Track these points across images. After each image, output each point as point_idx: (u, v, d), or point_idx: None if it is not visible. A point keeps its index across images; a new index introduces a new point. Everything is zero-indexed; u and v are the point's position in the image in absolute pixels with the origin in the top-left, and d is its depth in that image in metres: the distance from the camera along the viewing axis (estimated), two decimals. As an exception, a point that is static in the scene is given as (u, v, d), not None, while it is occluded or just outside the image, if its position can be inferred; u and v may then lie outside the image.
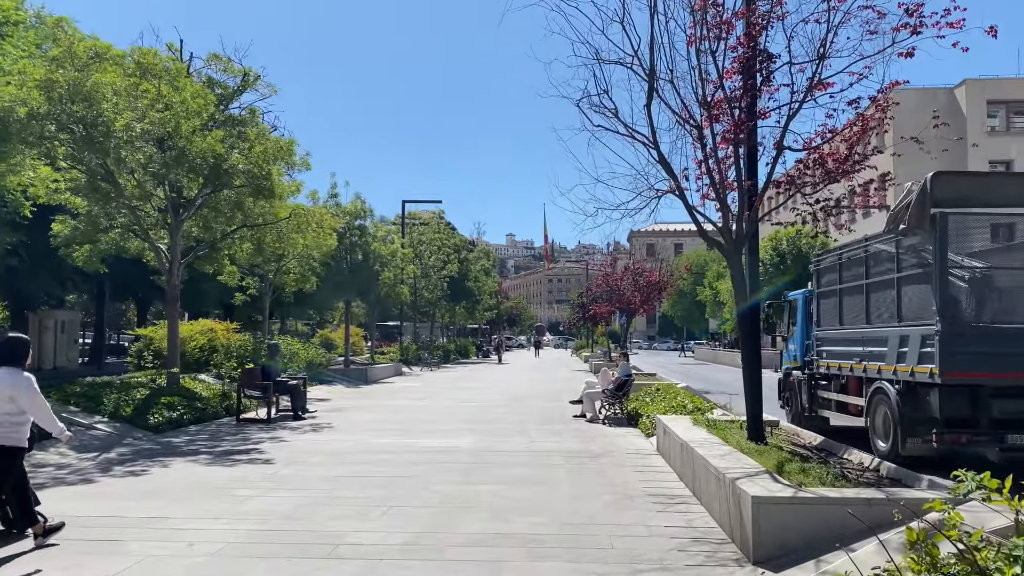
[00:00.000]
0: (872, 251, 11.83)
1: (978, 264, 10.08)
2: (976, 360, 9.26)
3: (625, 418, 14.84)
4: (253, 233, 16.66)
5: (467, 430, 13.49)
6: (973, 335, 9.38)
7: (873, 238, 11.89)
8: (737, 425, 10.49)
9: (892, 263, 10.96)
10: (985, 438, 9.45)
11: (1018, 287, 9.81)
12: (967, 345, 9.30)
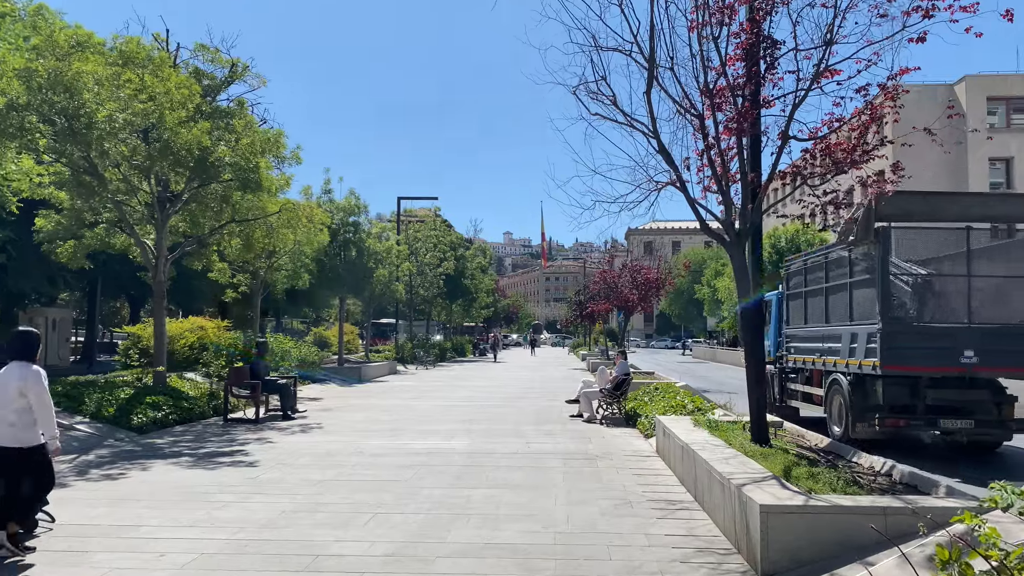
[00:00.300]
0: (831, 258, 13.17)
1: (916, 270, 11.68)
2: (913, 354, 10.81)
3: (623, 418, 14.47)
4: (242, 228, 16.23)
5: (461, 431, 13.10)
6: (911, 333, 10.95)
7: (831, 246, 13.18)
8: (740, 426, 10.12)
9: (846, 269, 12.34)
10: (921, 422, 11.17)
11: (950, 291, 11.35)
12: (905, 341, 10.83)
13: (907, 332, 11.07)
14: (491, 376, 30.34)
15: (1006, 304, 11.42)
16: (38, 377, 5.94)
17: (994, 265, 11.79)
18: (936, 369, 10.99)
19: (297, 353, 23.35)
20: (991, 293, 11.46)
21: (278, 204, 16.20)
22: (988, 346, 10.87)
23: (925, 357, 10.91)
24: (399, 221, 41.59)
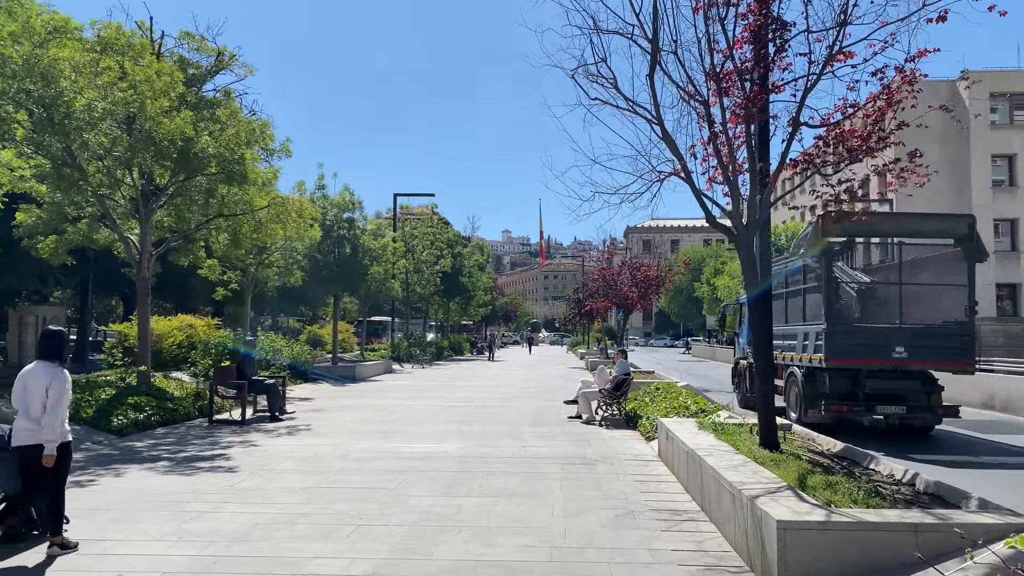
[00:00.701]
0: (789, 267, 15.23)
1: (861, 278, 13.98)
2: (853, 350, 12.78)
3: (623, 419, 13.97)
4: (229, 223, 15.70)
5: (454, 433, 12.59)
6: (851, 332, 12.94)
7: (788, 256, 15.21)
8: (746, 429, 9.62)
9: (801, 276, 14.44)
10: (861, 408, 13.06)
11: (885, 296, 13.74)
12: (846, 339, 12.79)
13: (848, 331, 13.03)
14: (488, 375, 29.84)
15: (930, 307, 13.55)
16: (63, 380, 5.83)
17: (921, 275, 13.99)
18: (872, 362, 12.96)
19: (289, 352, 22.86)
20: (918, 298, 13.65)
21: (266, 198, 15.66)
22: (915, 343, 12.81)
23: (863, 352, 12.88)
24: (395, 218, 41.05)
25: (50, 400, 5.69)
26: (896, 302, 13.46)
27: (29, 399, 5.76)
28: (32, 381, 5.80)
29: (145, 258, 14.91)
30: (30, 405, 5.74)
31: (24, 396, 5.80)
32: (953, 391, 20.22)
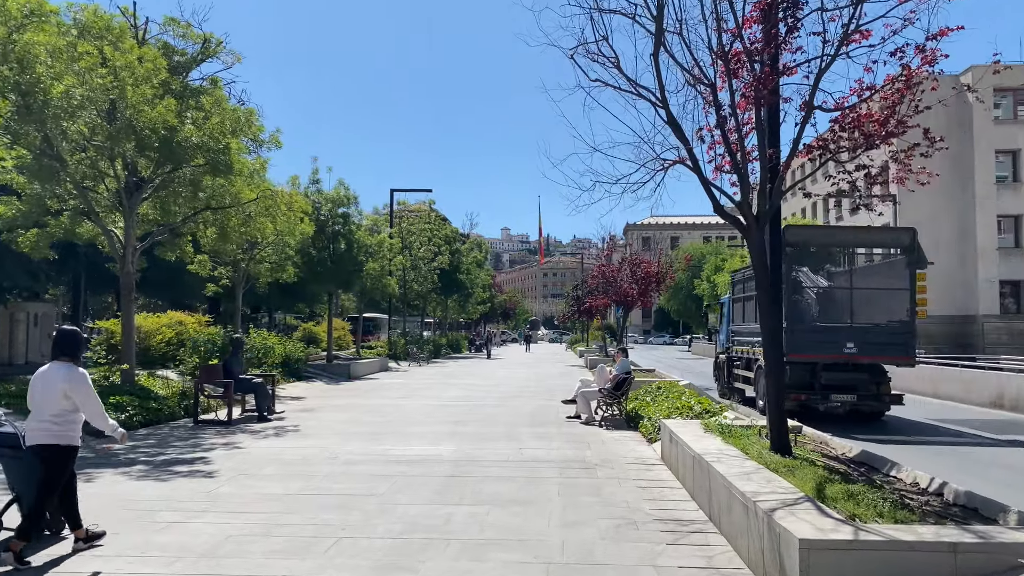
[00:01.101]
0: None
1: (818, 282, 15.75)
2: (810, 346, 14.47)
3: (624, 420, 13.47)
4: (217, 217, 15.18)
5: (448, 434, 12.08)
6: (808, 330, 14.66)
7: None
8: (755, 432, 9.12)
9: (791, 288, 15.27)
10: (818, 397, 14.80)
11: (839, 299, 15.27)
12: (804, 336, 14.47)
13: (805, 330, 14.79)
14: (485, 373, 29.33)
15: (878, 309, 15.20)
16: (83, 379, 5.75)
17: (870, 280, 15.72)
18: (826, 357, 14.79)
19: (281, 350, 22.34)
20: (867, 301, 15.28)
21: (255, 190, 15.12)
22: (864, 340, 14.65)
23: (818, 348, 14.67)
24: (392, 214, 40.52)
25: (79, 400, 5.64)
26: (848, 304, 15.24)
27: (44, 399, 5.66)
28: (47, 381, 5.69)
29: (129, 252, 14.40)
30: (45, 405, 5.65)
31: (39, 396, 5.70)
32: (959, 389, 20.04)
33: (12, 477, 6.02)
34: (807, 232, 18.40)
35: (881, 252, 16.12)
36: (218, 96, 13.05)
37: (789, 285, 14.49)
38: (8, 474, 6.09)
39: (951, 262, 44.08)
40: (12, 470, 5.99)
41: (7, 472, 6.08)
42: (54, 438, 5.64)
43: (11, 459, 5.93)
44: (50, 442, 5.62)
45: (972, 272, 45.91)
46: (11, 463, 5.96)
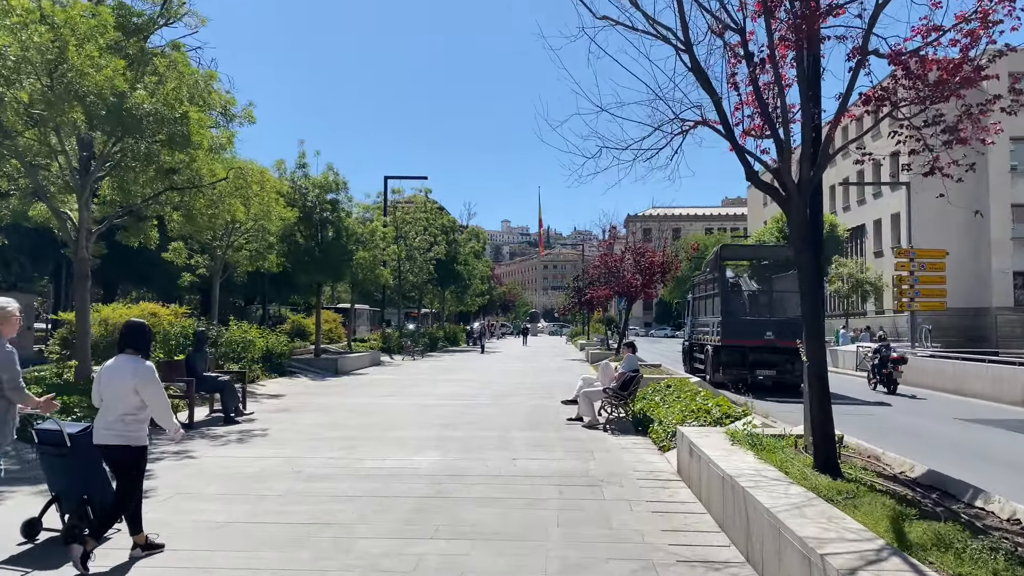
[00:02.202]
0: (706, 278, 22.86)
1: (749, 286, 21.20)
2: (739, 333, 19.46)
3: (631, 422, 12.09)
4: (183, 198, 13.75)
5: (433, 441, 10.69)
6: (738, 322, 19.77)
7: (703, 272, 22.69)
8: (790, 442, 7.75)
9: (713, 285, 21.42)
10: (747, 372, 19.13)
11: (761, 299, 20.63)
12: (735, 327, 19.55)
13: (736, 322, 19.94)
14: (481, 368, 27.94)
15: (787, 306, 19.86)
16: (151, 373, 5.45)
17: (784, 285, 20.47)
18: (752, 342, 19.59)
19: (262, 344, 20.94)
20: (782, 299, 20.42)
21: (222, 168, 13.69)
22: (780, 329, 19.33)
23: (746, 335, 19.66)
24: (386, 202, 39.07)
25: (147, 398, 5.35)
26: (769, 303, 21.08)
27: (114, 396, 5.34)
28: (116, 377, 5.36)
29: (83, 237, 12.98)
30: (115, 403, 5.33)
31: (108, 393, 5.37)
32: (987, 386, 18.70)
33: (53, 476, 5.77)
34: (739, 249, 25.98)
35: None
36: (174, 58, 11.57)
37: (723, 290, 20.59)
38: (49, 472, 5.82)
39: (963, 253, 42.63)
40: (55, 468, 5.72)
41: (48, 470, 5.82)
42: (124, 439, 5.32)
43: (54, 457, 5.65)
44: (120, 443, 5.31)
45: (985, 263, 44.48)
46: (54, 461, 5.67)
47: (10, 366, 5.20)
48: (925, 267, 26.31)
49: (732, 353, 19.81)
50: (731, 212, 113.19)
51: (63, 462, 5.60)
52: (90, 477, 5.57)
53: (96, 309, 19.26)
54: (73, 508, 5.56)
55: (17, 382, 5.23)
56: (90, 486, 5.57)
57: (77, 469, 5.52)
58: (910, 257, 26.27)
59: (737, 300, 21.32)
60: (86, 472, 5.56)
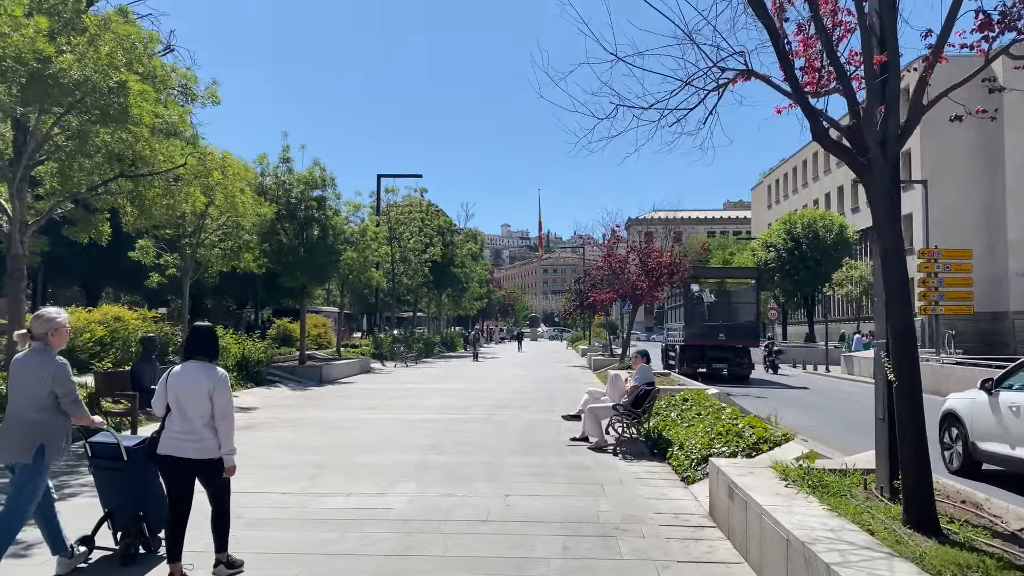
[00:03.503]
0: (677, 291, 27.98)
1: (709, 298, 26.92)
2: (699, 335, 25.41)
3: (646, 443, 10.41)
4: (135, 186, 12.11)
5: (413, 468, 9.01)
6: (698, 326, 25.72)
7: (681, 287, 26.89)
8: (854, 480, 6.12)
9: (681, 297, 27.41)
10: (705, 366, 25.11)
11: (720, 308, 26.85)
12: (696, 330, 25.60)
13: (696, 326, 25.80)
14: (476, 377, 26.25)
15: (737, 315, 26.82)
16: (225, 381, 5.07)
17: (735, 297, 27.82)
18: (708, 342, 25.24)
19: (238, 350, 19.30)
20: (732, 309, 27.10)
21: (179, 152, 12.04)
22: (730, 332, 25.38)
23: (704, 337, 25.35)
24: (379, 200, 37.41)
25: (219, 406, 4.99)
26: (724, 311, 26.88)
27: (190, 404, 4.96)
28: (188, 384, 5.00)
29: (16, 230, 11.36)
30: (192, 412, 4.96)
31: (183, 400, 4.96)
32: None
33: (107, 491, 5.50)
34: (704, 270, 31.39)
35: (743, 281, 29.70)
36: (108, 16, 9.90)
37: (686, 301, 26.62)
38: (102, 487, 5.53)
39: (978, 255, 40.80)
40: (109, 483, 5.47)
41: (101, 485, 5.53)
42: (211, 451, 4.97)
43: (109, 471, 5.41)
44: (209, 457, 4.97)
45: (1002, 266, 42.81)
46: (109, 475, 5.43)
47: (65, 379, 4.96)
48: (950, 268, 24.62)
49: (694, 351, 25.51)
50: (733, 215, 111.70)
51: (119, 477, 5.36)
52: (147, 493, 5.32)
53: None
54: (127, 525, 5.33)
55: (74, 395, 4.98)
56: (146, 502, 5.33)
57: (133, 484, 5.31)
58: (934, 257, 24.59)
59: (698, 310, 26.81)
60: (143, 487, 5.32)
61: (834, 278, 43.43)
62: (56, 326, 5.09)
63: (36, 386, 4.91)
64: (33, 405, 4.91)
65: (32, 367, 4.95)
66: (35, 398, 4.91)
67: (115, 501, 5.46)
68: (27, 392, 4.93)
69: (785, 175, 70.74)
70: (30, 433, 4.88)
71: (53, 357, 5.02)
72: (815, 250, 46.30)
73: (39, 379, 4.91)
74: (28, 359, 5.01)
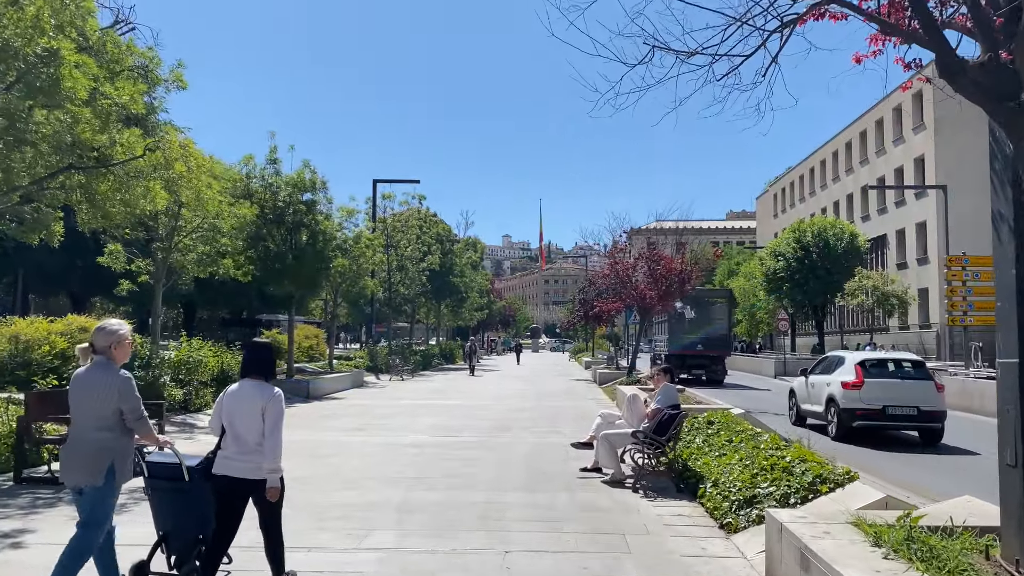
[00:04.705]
0: None
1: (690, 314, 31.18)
2: (681, 345, 30.80)
3: (668, 473, 8.86)
4: (87, 179, 10.66)
5: (392, 511, 7.49)
6: (681, 338, 31.06)
7: None
8: (966, 543, 4.60)
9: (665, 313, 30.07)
10: (687, 371, 29.05)
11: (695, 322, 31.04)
12: (679, 341, 31.07)
13: (679, 338, 30.66)
14: (474, 391, 24.71)
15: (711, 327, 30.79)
16: (280, 402, 4.91)
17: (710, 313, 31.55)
18: (687, 352, 29.84)
19: (215, 363, 17.80)
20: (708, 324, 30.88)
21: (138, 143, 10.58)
22: (707, 343, 29.83)
23: (684, 346, 30.13)
24: (375, 207, 35.97)
25: (268, 424, 4.78)
26: (700, 325, 30.65)
27: (246, 424, 4.81)
28: (243, 403, 4.86)
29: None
30: (242, 431, 4.81)
31: (238, 421, 4.82)
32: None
33: (165, 513, 5.06)
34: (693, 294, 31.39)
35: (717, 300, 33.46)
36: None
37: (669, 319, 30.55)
38: (159, 509, 5.07)
39: (998, 264, 39.48)
40: (167, 505, 5.04)
41: (159, 507, 5.08)
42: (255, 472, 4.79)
43: (169, 492, 5.00)
44: (249, 477, 4.79)
45: (1022, 275, 41.27)
46: (171, 497, 5.01)
47: (131, 394, 4.68)
48: (979, 276, 23.12)
49: (677, 359, 29.05)
50: (737, 225, 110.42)
51: (178, 499, 5.04)
52: (207, 515, 4.98)
53: (7, 322, 16.15)
54: (184, 549, 5.03)
55: (140, 412, 4.72)
56: (207, 525, 4.99)
57: (193, 506, 5.01)
58: (962, 265, 23.09)
59: (680, 324, 30.71)
60: (203, 509, 4.98)
61: (846, 288, 41.93)
62: (119, 338, 4.77)
63: (101, 403, 4.60)
64: (99, 424, 4.61)
65: (96, 383, 4.61)
66: (101, 416, 4.60)
67: (172, 524, 5.11)
68: (92, 410, 4.61)
69: (792, 183, 69.36)
70: (99, 454, 4.58)
71: (117, 371, 4.72)
72: (825, 259, 44.79)
73: (104, 396, 4.60)
74: (91, 375, 4.65)
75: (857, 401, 13.74)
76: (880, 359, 15.28)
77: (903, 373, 14.53)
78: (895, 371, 14.58)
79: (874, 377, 14.07)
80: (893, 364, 14.89)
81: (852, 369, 14.22)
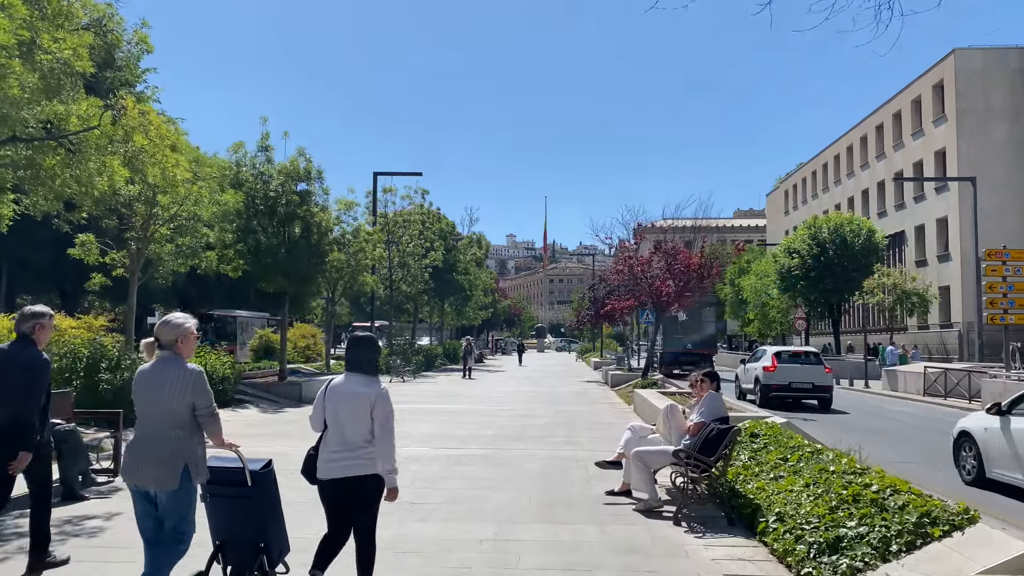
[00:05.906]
0: None
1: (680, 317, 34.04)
2: (673, 345, 35.50)
3: (715, 500, 7.33)
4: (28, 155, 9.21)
5: (380, 551, 5.99)
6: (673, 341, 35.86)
7: None
8: None
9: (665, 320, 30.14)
10: (679, 368, 31.44)
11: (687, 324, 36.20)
12: (672, 343, 35.80)
13: (671, 339, 35.93)
14: (479, 395, 23.22)
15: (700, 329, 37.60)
16: (387, 396, 4.72)
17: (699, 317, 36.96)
18: (679, 351, 34.73)
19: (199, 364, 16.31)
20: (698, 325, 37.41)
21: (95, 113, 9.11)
22: (697, 342, 36.17)
23: (676, 346, 35.33)
24: (375, 200, 34.48)
25: (380, 421, 4.59)
26: (692, 327, 35.92)
27: (352, 419, 4.59)
28: (349, 399, 4.63)
29: None
30: (357, 428, 4.59)
31: (344, 416, 4.61)
32: None
33: (222, 520, 4.64)
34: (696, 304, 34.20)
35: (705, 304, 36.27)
36: None
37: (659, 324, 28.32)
38: (216, 516, 4.64)
39: (1022, 261, 37.91)
40: (226, 511, 4.60)
41: (216, 514, 4.64)
42: (371, 468, 4.59)
43: (229, 499, 4.55)
44: (370, 473, 4.59)
45: (1050, 272, 39.67)
46: (231, 504, 4.56)
47: (204, 388, 4.39)
48: (1021, 271, 21.55)
49: (671, 356, 33.41)
50: (745, 223, 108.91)
51: (239, 504, 4.56)
52: (270, 521, 4.65)
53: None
54: (243, 558, 4.59)
55: (213, 407, 4.44)
56: (268, 532, 4.62)
57: (256, 512, 4.57)
58: (1003, 259, 21.52)
59: (674, 326, 34.27)
60: (267, 515, 4.62)
61: (864, 286, 40.34)
62: (184, 332, 4.53)
63: (173, 400, 4.34)
64: (171, 421, 4.34)
65: (166, 379, 4.34)
66: (172, 412, 4.34)
67: (230, 531, 4.71)
68: (163, 407, 4.33)
69: (803, 179, 67.77)
70: (173, 454, 4.32)
71: (186, 365, 4.49)
72: (842, 256, 43.20)
73: (176, 391, 4.33)
74: (158, 370, 4.39)
75: (772, 379, 20.18)
76: (789, 351, 21.75)
77: (804, 360, 21.00)
78: (799, 358, 21.17)
79: (784, 363, 20.50)
80: (798, 354, 21.55)
81: (770, 358, 20.65)
